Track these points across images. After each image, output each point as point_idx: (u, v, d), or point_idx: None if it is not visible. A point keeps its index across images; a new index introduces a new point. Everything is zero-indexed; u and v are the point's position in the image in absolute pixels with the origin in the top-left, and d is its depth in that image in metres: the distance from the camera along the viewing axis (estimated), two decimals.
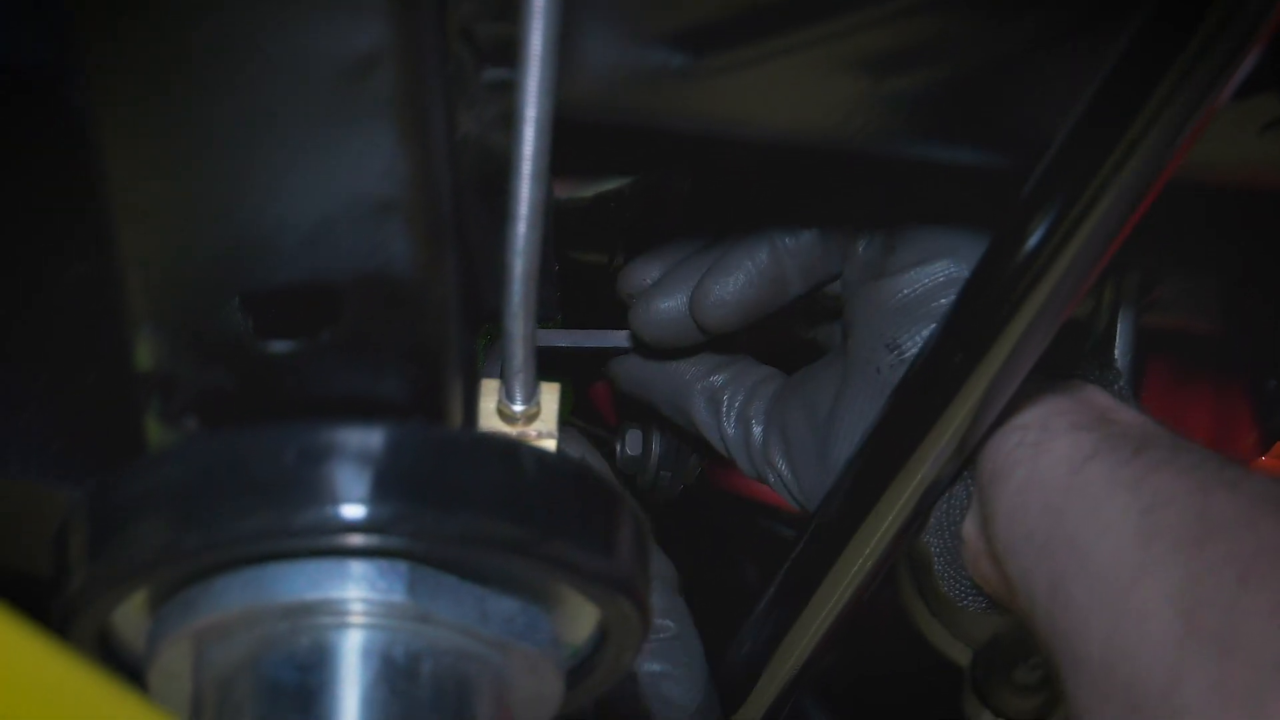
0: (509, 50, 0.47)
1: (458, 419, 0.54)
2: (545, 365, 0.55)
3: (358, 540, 0.45)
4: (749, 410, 0.78)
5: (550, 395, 0.56)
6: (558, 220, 0.78)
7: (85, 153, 0.47)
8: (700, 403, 0.79)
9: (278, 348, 0.50)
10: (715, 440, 0.79)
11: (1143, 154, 0.56)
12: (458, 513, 0.45)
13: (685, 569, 0.80)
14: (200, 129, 0.46)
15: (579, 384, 0.89)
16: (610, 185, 0.83)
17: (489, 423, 0.56)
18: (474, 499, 0.46)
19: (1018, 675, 0.86)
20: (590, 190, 0.83)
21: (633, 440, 0.87)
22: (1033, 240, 0.60)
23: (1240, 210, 0.80)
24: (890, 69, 0.59)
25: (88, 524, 0.47)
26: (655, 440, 0.87)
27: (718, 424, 0.78)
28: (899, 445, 0.67)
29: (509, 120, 0.48)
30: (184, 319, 0.50)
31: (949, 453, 0.66)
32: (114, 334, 0.51)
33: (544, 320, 0.64)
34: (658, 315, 0.75)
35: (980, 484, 0.68)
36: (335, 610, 0.47)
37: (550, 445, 0.56)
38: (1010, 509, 0.65)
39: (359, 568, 0.47)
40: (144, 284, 0.49)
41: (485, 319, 0.64)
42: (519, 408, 0.55)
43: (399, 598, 0.47)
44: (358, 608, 0.47)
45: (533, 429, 0.56)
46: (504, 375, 0.54)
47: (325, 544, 0.45)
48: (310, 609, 0.47)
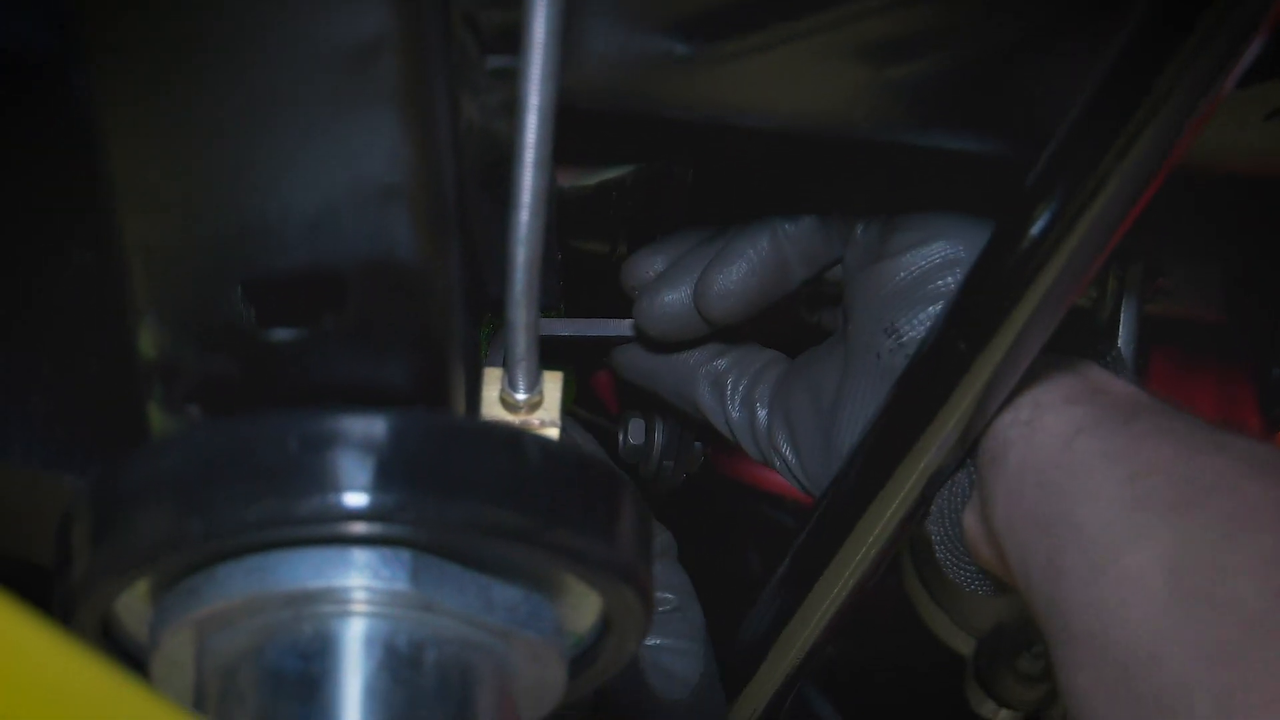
0: (512, 37, 0.47)
1: (461, 407, 0.54)
2: (548, 354, 0.54)
3: (361, 528, 0.45)
4: (754, 394, 0.78)
5: (553, 384, 0.56)
6: (560, 209, 0.78)
7: (88, 141, 0.47)
8: (704, 388, 0.79)
9: (280, 335, 0.50)
10: (720, 425, 0.79)
11: (1146, 142, 0.56)
12: (461, 501, 0.46)
13: (688, 557, 0.80)
14: (203, 116, 0.46)
15: (581, 373, 0.89)
16: (612, 174, 0.83)
17: (492, 411, 0.56)
18: (477, 487, 0.46)
19: (1021, 664, 0.86)
20: (592, 179, 0.83)
21: (635, 429, 0.87)
22: (1036, 229, 0.59)
23: (1244, 199, 0.79)
24: (893, 57, 0.59)
25: (91, 512, 0.47)
26: (658, 429, 0.87)
27: (722, 408, 0.78)
28: (903, 434, 0.67)
29: (512, 108, 0.48)
30: (187, 306, 0.50)
31: (952, 441, 0.66)
32: (117, 322, 0.51)
33: (546, 309, 0.63)
34: (663, 309, 0.75)
35: (979, 468, 0.68)
36: (338, 599, 0.47)
37: (553, 434, 0.55)
38: (1007, 492, 0.65)
39: (362, 556, 0.47)
40: (147, 272, 0.49)
41: (488, 308, 0.64)
42: (522, 396, 0.55)
43: (402, 586, 0.47)
44: (361, 596, 0.47)
45: (535, 417, 0.56)
46: (506, 364, 0.54)
47: (328, 532, 0.45)
48: (313, 597, 0.47)
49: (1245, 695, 0.52)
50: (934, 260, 0.70)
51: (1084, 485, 0.62)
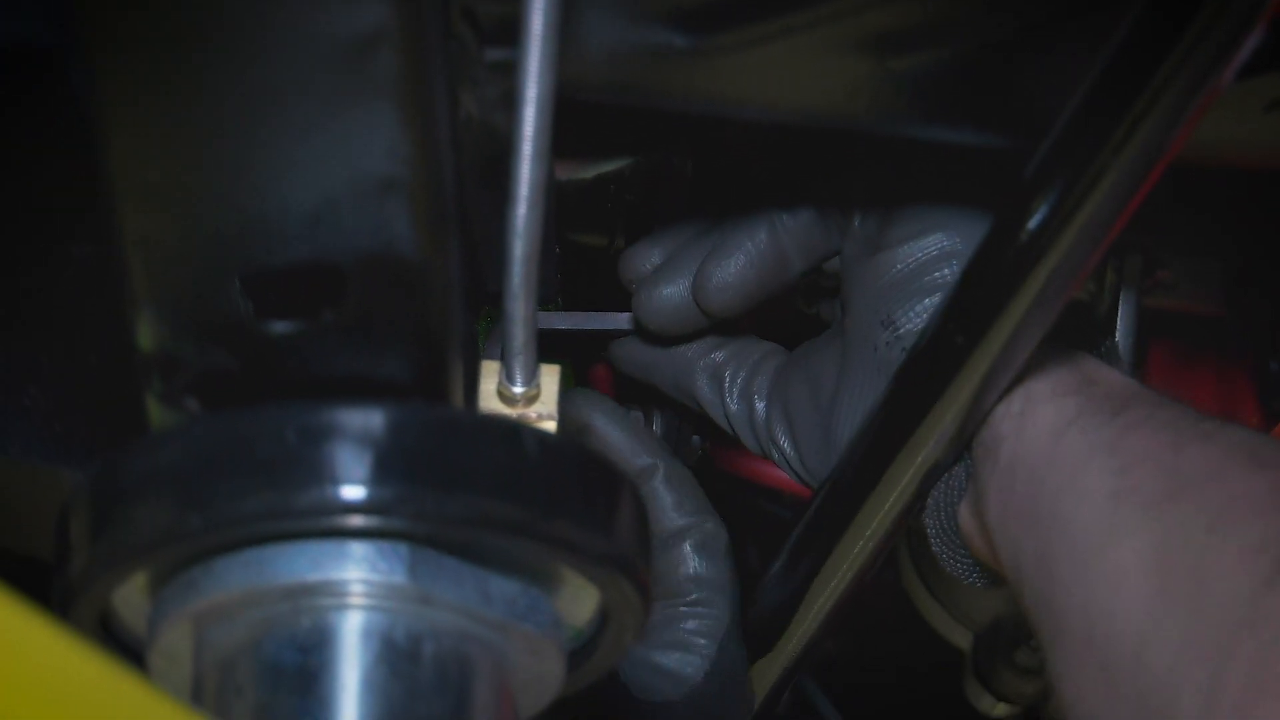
0: (510, 30, 0.47)
1: (459, 401, 0.54)
2: (545, 347, 0.54)
3: (358, 522, 0.45)
4: (752, 386, 0.78)
5: (550, 377, 0.56)
6: (558, 201, 0.78)
7: (87, 133, 0.47)
8: (703, 380, 0.79)
9: (279, 328, 0.50)
10: (719, 417, 0.79)
11: (1145, 135, 0.56)
12: (459, 494, 0.45)
13: None
14: (203, 110, 0.46)
15: (579, 366, 0.89)
16: (610, 166, 0.83)
17: (489, 404, 0.56)
18: (475, 480, 0.46)
19: (1019, 658, 0.87)
20: (590, 171, 0.83)
21: None
22: (1034, 222, 0.59)
23: (1243, 192, 0.79)
24: (893, 49, 0.59)
25: (89, 505, 0.47)
26: (656, 422, 0.87)
27: (721, 401, 0.78)
28: (900, 427, 0.67)
29: (510, 101, 0.48)
30: (186, 300, 0.50)
31: (950, 435, 0.66)
32: (115, 315, 0.51)
33: (544, 302, 0.63)
34: (661, 302, 0.75)
35: (974, 460, 0.68)
36: (336, 592, 0.47)
37: (550, 427, 0.55)
38: (999, 486, 0.65)
39: (360, 549, 0.47)
40: (146, 265, 0.49)
41: (486, 301, 0.63)
42: (519, 389, 0.55)
43: (400, 579, 0.47)
44: (358, 589, 0.47)
45: (533, 411, 0.56)
46: (504, 357, 0.54)
47: (326, 525, 0.45)
48: (311, 590, 0.47)
49: (1231, 687, 0.52)
50: (931, 252, 0.70)
51: (1072, 480, 0.62)
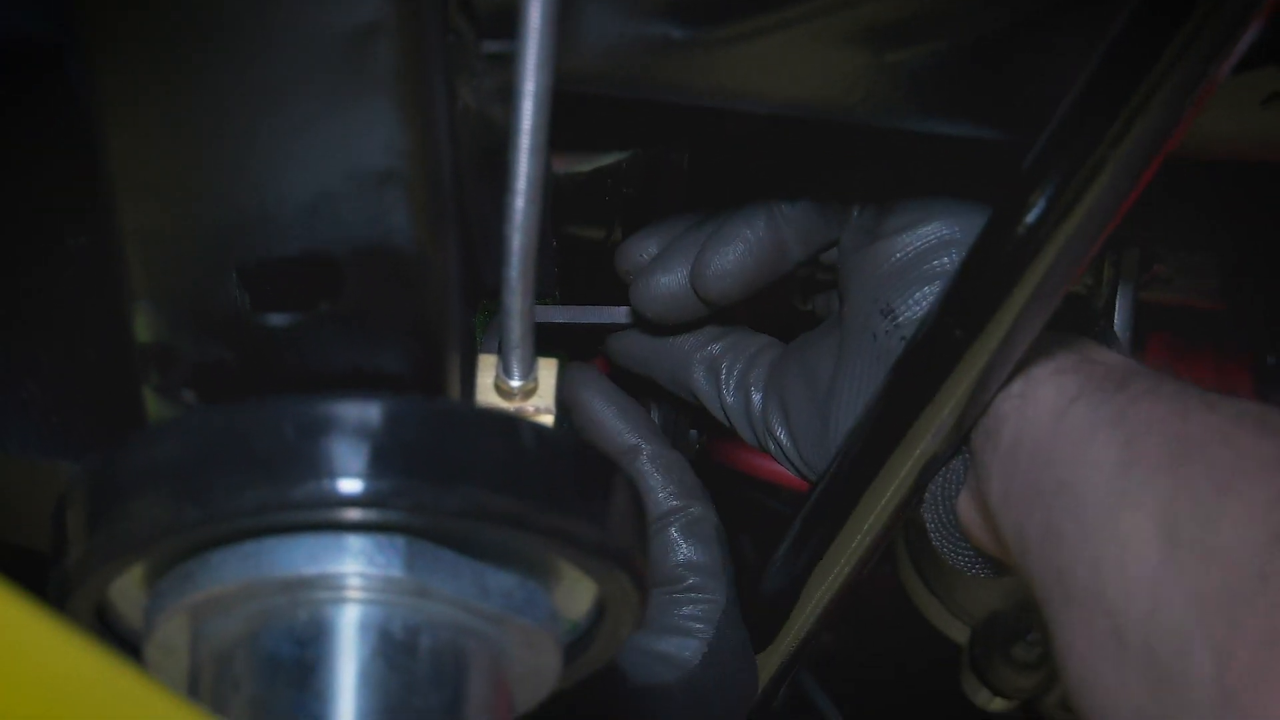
0: (508, 22, 0.47)
1: (456, 394, 0.54)
2: (543, 341, 0.54)
3: (355, 515, 0.45)
4: (748, 378, 0.78)
5: (548, 371, 0.56)
6: (555, 195, 0.78)
7: (85, 126, 0.47)
8: (699, 373, 0.79)
9: (276, 320, 0.50)
10: (716, 410, 0.79)
11: (1142, 128, 0.56)
12: (455, 487, 0.45)
13: None
14: (200, 103, 0.46)
15: (576, 360, 0.89)
16: (608, 159, 0.82)
17: (486, 398, 0.56)
18: (472, 473, 0.46)
19: (1016, 652, 0.87)
20: (588, 165, 0.82)
21: None
22: (1032, 215, 0.59)
23: (1241, 185, 0.79)
24: (891, 42, 0.59)
25: (86, 498, 0.47)
26: (653, 416, 0.87)
27: (717, 393, 0.78)
28: (898, 420, 0.67)
29: (508, 93, 0.47)
30: (183, 292, 0.50)
31: (948, 428, 0.66)
32: (113, 309, 0.51)
33: (541, 296, 0.63)
34: (658, 290, 0.75)
35: (973, 446, 0.68)
36: (333, 585, 0.47)
37: (548, 420, 0.55)
38: (1002, 467, 0.65)
39: (357, 542, 0.47)
40: (143, 258, 0.49)
41: (484, 294, 0.63)
42: (516, 383, 0.55)
43: (397, 572, 0.47)
44: (355, 582, 0.47)
45: (530, 404, 0.56)
46: (502, 350, 0.54)
47: (323, 518, 0.45)
48: (308, 583, 0.47)
49: (1245, 642, 0.52)
50: (930, 240, 0.70)
51: (1078, 452, 0.62)
